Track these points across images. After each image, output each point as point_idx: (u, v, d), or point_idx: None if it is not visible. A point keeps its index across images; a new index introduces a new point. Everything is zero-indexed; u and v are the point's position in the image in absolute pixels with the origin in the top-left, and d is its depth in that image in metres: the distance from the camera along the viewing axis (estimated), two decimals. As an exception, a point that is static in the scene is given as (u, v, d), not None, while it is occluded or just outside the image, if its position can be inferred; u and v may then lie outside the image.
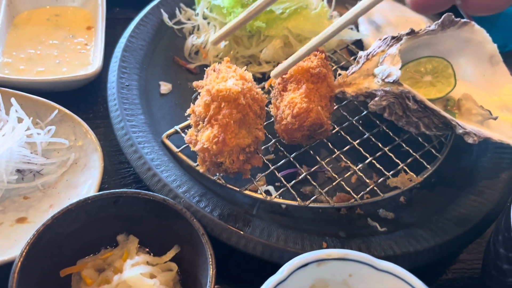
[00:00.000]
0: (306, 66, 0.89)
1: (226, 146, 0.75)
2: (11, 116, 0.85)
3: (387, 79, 0.90)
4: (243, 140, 0.78)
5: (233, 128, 0.76)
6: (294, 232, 0.82)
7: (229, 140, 0.75)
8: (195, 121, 0.81)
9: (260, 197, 0.85)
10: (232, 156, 0.77)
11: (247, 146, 0.78)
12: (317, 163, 0.92)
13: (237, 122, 0.77)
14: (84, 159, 0.89)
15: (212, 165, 0.78)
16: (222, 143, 0.74)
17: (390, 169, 0.91)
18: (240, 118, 0.78)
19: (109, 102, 0.95)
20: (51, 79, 0.97)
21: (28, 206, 0.85)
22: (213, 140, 0.74)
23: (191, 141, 0.80)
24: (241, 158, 0.78)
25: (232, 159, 0.77)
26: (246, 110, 0.79)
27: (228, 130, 0.75)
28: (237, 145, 0.77)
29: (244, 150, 0.78)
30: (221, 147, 0.74)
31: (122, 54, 1.02)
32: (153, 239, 0.80)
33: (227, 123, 0.75)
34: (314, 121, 0.83)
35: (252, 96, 0.82)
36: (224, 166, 0.78)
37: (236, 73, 0.84)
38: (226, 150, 0.75)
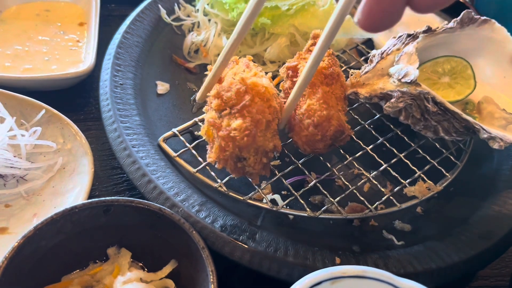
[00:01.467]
0: (318, 68, 0.81)
1: (254, 143, 0.67)
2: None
3: (404, 79, 0.82)
4: (268, 143, 0.70)
5: (263, 127, 0.68)
6: (304, 246, 0.74)
7: (258, 138, 0.67)
8: (218, 104, 0.71)
9: (265, 207, 0.78)
10: (257, 156, 0.69)
11: (270, 151, 0.71)
12: (327, 170, 0.84)
13: (267, 123, 0.70)
14: (72, 163, 0.81)
15: (232, 158, 0.69)
16: (253, 137, 0.67)
17: (406, 177, 0.84)
18: (269, 120, 0.70)
19: (101, 101, 0.87)
20: (39, 76, 0.90)
21: (9, 215, 0.77)
22: (244, 131, 0.66)
23: (215, 124, 0.70)
24: (264, 161, 0.71)
25: (256, 159, 0.69)
26: (275, 115, 0.72)
27: (259, 127, 0.68)
28: (262, 146, 0.69)
29: (267, 154, 0.71)
30: (251, 141, 0.67)
31: (116, 51, 0.94)
32: (147, 252, 0.72)
33: (260, 120, 0.67)
34: (337, 129, 0.76)
35: (280, 104, 0.75)
36: (245, 163, 0.70)
37: (265, 75, 0.77)
38: (253, 147, 0.68)
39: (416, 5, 0.46)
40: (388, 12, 0.46)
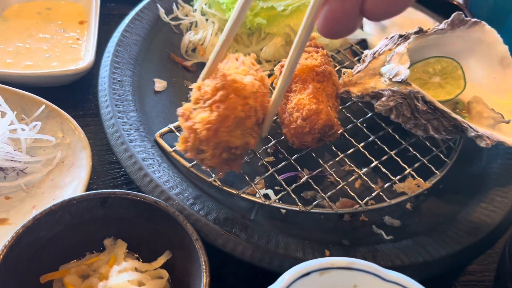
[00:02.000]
0: (310, 65, 0.84)
1: (215, 137, 0.68)
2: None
3: (395, 78, 0.85)
4: (234, 140, 0.71)
5: (230, 123, 0.69)
6: (295, 239, 0.76)
7: (221, 133, 0.68)
8: (196, 98, 0.72)
9: (258, 201, 0.80)
10: (216, 150, 0.70)
11: (235, 148, 0.72)
12: (319, 166, 0.86)
13: (236, 119, 0.71)
14: (71, 157, 0.83)
15: (192, 148, 0.71)
16: (214, 132, 0.68)
17: (396, 174, 0.86)
18: (241, 117, 0.71)
19: (99, 98, 0.89)
20: (40, 73, 0.92)
21: (9, 207, 0.79)
22: (206, 125, 0.67)
23: (184, 115, 0.72)
24: (224, 156, 0.71)
25: (215, 153, 0.70)
26: (251, 113, 0.72)
27: (225, 123, 0.69)
28: (226, 141, 0.70)
29: (230, 149, 0.72)
30: (210, 135, 0.68)
31: (115, 48, 0.96)
32: (142, 244, 0.74)
33: (227, 116, 0.68)
34: (325, 123, 0.78)
35: (262, 103, 0.75)
36: (203, 155, 0.71)
37: (257, 73, 0.77)
38: (213, 142, 0.69)
39: (369, 15, 0.48)
40: (343, 21, 0.48)
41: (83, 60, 1.00)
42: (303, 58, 0.87)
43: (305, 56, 0.88)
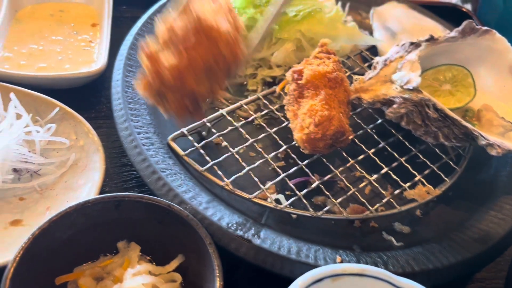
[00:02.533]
0: (322, 71, 0.84)
1: (182, 86, 0.66)
2: (9, 112, 0.81)
3: (406, 85, 0.86)
4: (201, 89, 0.69)
5: (199, 72, 0.67)
6: (306, 245, 0.77)
7: (189, 82, 0.66)
8: (165, 39, 0.69)
9: (270, 206, 0.80)
10: (180, 98, 0.68)
11: (200, 95, 0.70)
12: (329, 171, 0.87)
13: (207, 68, 0.69)
14: (84, 160, 0.84)
15: (155, 94, 0.69)
16: (179, 78, 0.66)
17: (406, 180, 0.87)
18: (212, 67, 0.69)
19: (113, 101, 0.90)
20: (53, 75, 0.93)
21: (23, 208, 0.80)
22: (172, 68, 0.65)
23: (150, 56, 0.68)
24: (187, 104, 0.69)
25: (178, 101, 0.69)
26: (222, 63, 0.69)
27: (195, 72, 0.66)
28: (192, 90, 0.68)
29: (195, 98, 0.69)
30: (178, 84, 0.66)
31: (128, 52, 0.97)
32: (155, 247, 0.75)
33: (198, 65, 0.66)
34: (337, 129, 0.79)
35: (235, 53, 0.71)
36: (165, 101, 0.69)
37: (234, 21, 0.73)
38: (180, 90, 0.67)
39: None
40: None
41: (95, 62, 1.01)
42: (315, 64, 0.88)
43: (317, 62, 0.88)
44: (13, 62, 0.97)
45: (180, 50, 0.67)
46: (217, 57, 0.69)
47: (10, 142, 0.77)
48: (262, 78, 1.07)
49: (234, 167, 0.86)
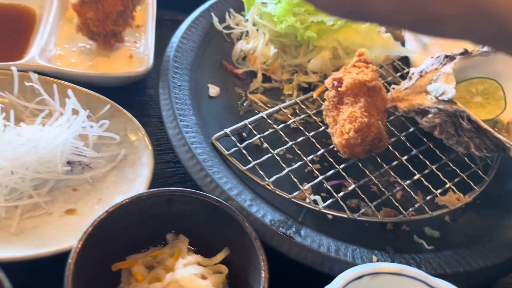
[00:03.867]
0: (362, 79, 0.88)
1: (103, 29, 1.01)
2: (68, 107, 0.85)
3: (441, 97, 0.89)
4: (118, 28, 1.03)
5: (114, 17, 1.01)
6: (344, 244, 0.81)
7: (108, 25, 1.01)
8: None
9: (308, 206, 0.85)
10: (106, 37, 1.04)
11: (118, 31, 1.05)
12: (363, 175, 0.91)
13: (118, 12, 1.01)
14: (133, 155, 0.89)
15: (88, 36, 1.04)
16: (102, 25, 1.00)
17: (437, 187, 0.91)
18: (122, 10, 1.00)
19: (161, 100, 0.95)
20: (104, 74, 0.98)
21: (77, 198, 0.84)
22: (96, 21, 0.99)
23: (77, 10, 0.99)
24: (112, 41, 1.06)
25: (105, 39, 1.04)
26: (128, 5, 1.02)
27: (111, 17, 1.00)
28: (112, 29, 1.03)
29: (115, 34, 1.05)
30: (100, 28, 1.00)
31: (174, 54, 1.02)
32: (201, 239, 0.79)
33: (111, 12, 0.99)
34: (376, 136, 0.83)
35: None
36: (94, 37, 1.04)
37: None
38: (103, 31, 1.02)
39: None
40: None
41: (141, 62, 1.06)
42: (355, 72, 0.92)
43: (356, 71, 0.92)
44: (64, 60, 1.02)
45: (97, 4, 0.97)
46: (124, 3, 1.00)
47: (69, 136, 0.82)
48: (298, 84, 1.11)
49: (273, 167, 0.90)
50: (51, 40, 1.04)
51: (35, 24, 1.09)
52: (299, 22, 1.07)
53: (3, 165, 0.77)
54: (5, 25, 1.09)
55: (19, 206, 0.79)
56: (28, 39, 1.05)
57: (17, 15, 1.11)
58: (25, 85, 0.90)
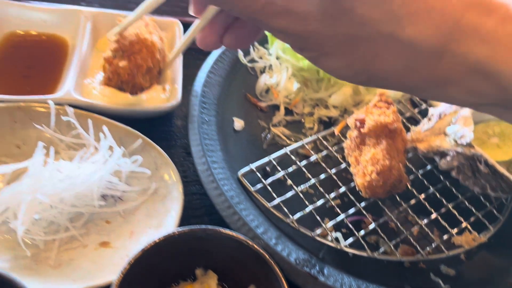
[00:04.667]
0: (384, 122, 0.92)
1: (132, 80, 1.02)
2: (103, 144, 0.89)
3: (460, 140, 0.93)
4: (144, 83, 1.04)
5: (143, 71, 1.02)
6: (364, 282, 0.84)
7: (137, 78, 1.02)
8: (115, 48, 1.00)
9: (330, 244, 0.89)
10: (134, 89, 1.04)
11: (145, 88, 1.05)
12: (381, 212, 0.95)
13: (147, 68, 1.02)
14: (164, 189, 0.92)
15: (116, 86, 1.04)
16: (132, 77, 1.01)
17: (453, 226, 0.95)
18: (150, 67, 1.03)
19: (190, 136, 0.98)
20: (135, 108, 1.01)
21: (109, 231, 0.88)
22: (127, 71, 1.00)
23: (108, 60, 1.02)
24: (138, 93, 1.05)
25: (131, 90, 1.04)
26: (156, 63, 1.04)
27: (140, 70, 1.02)
28: (140, 83, 1.03)
29: (142, 88, 1.05)
30: (130, 78, 1.01)
31: (202, 89, 1.06)
32: (228, 275, 0.83)
33: (141, 65, 1.01)
34: (397, 178, 0.87)
35: (163, 57, 1.06)
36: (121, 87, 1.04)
37: (160, 33, 1.08)
38: (132, 83, 1.03)
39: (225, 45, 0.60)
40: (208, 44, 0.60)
41: (168, 95, 1.08)
42: (376, 114, 0.95)
43: (378, 112, 0.96)
44: (95, 91, 1.05)
45: (129, 56, 1.00)
46: (153, 61, 1.02)
47: (104, 173, 0.86)
48: (318, 117, 1.15)
49: (296, 202, 0.94)
50: (83, 71, 1.08)
51: (68, 54, 1.13)
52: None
53: (44, 200, 0.81)
54: (39, 55, 1.13)
55: (57, 239, 0.84)
56: (61, 70, 1.09)
57: (51, 44, 1.15)
58: (60, 118, 0.94)
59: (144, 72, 1.03)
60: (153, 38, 1.02)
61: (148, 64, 1.02)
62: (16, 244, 0.82)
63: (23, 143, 0.95)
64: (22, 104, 0.95)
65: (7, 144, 0.94)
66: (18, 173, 0.87)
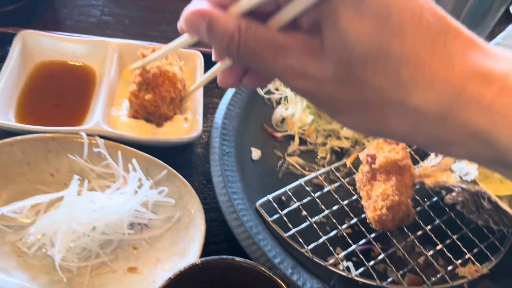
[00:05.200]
0: (394, 159, 0.98)
1: (158, 111, 1.11)
2: (133, 176, 0.96)
3: (465, 177, 0.99)
4: (168, 112, 1.12)
5: (167, 101, 1.11)
6: (373, 311, 0.91)
7: (161, 108, 1.10)
8: (140, 81, 1.08)
9: (342, 273, 0.95)
10: (160, 119, 1.12)
11: (169, 117, 1.14)
12: (390, 242, 1.01)
13: (170, 98, 1.11)
14: (187, 217, 0.98)
15: (143, 117, 1.13)
16: (158, 107, 1.10)
17: (456, 256, 1.01)
18: (173, 97, 1.11)
19: (212, 167, 1.04)
20: (160, 139, 1.08)
21: (137, 257, 0.94)
22: (153, 102, 1.09)
23: (134, 93, 1.10)
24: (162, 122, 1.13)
25: (158, 122, 1.12)
26: (178, 93, 1.12)
27: (165, 101, 1.10)
28: (165, 113, 1.12)
29: (166, 118, 1.13)
30: (156, 110, 1.10)
31: (222, 121, 1.12)
32: (249, 304, 0.89)
33: (165, 96, 1.09)
34: (405, 213, 0.93)
35: (184, 86, 1.15)
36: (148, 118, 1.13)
37: (180, 65, 1.17)
38: (158, 113, 1.11)
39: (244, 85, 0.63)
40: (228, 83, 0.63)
41: (188, 126, 1.14)
42: (387, 150, 1.02)
43: (388, 148, 1.03)
44: (121, 121, 1.12)
45: (154, 88, 1.08)
46: (176, 91, 1.10)
47: (134, 204, 0.93)
48: (331, 147, 1.21)
49: (309, 231, 1.00)
50: (110, 101, 1.15)
51: (96, 84, 1.19)
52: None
53: (79, 229, 0.88)
54: (68, 84, 1.19)
55: (89, 265, 0.90)
56: (90, 99, 1.15)
57: (79, 74, 1.22)
58: (91, 148, 1.01)
59: (168, 102, 1.11)
60: (174, 69, 1.10)
61: (171, 94, 1.10)
62: (51, 269, 0.89)
63: (56, 172, 1.02)
64: (55, 135, 1.01)
65: (42, 173, 1.01)
66: (54, 201, 0.94)
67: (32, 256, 0.90)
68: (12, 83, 1.13)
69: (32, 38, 1.21)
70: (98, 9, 1.49)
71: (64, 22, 1.43)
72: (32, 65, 1.20)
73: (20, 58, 1.17)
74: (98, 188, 1.00)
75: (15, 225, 0.93)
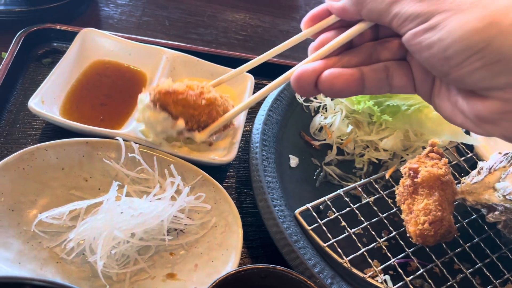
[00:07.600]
0: (437, 174, 0.97)
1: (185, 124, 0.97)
2: (169, 182, 0.96)
3: (509, 196, 0.98)
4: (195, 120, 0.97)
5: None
6: (412, 326, 0.90)
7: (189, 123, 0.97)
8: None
9: (380, 286, 0.94)
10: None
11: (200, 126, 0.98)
12: (428, 257, 1.00)
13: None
14: (223, 222, 0.98)
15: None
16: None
17: (495, 276, 0.99)
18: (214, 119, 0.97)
19: (252, 172, 1.04)
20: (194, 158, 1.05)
21: (174, 263, 0.93)
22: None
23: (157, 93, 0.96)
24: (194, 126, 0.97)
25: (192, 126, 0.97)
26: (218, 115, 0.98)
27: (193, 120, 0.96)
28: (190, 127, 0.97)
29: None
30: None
31: (262, 127, 1.12)
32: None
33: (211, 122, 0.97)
34: (447, 229, 0.92)
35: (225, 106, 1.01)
36: None
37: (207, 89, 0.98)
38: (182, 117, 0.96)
39: None
40: None
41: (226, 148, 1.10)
42: (429, 164, 1.01)
43: (430, 163, 1.01)
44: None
45: (170, 104, 0.96)
46: (217, 114, 0.97)
47: (173, 210, 0.92)
48: (368, 158, 1.20)
49: (348, 242, 0.99)
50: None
51: (145, 89, 1.17)
52: (376, 105, 1.16)
53: (119, 236, 0.88)
54: (118, 85, 1.20)
55: (128, 271, 0.90)
56: (136, 103, 1.14)
57: (131, 76, 1.22)
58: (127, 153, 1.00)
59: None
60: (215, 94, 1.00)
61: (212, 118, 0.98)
62: (90, 275, 0.89)
63: (90, 177, 1.00)
64: (89, 139, 1.00)
65: (76, 178, 1.00)
66: (90, 207, 0.93)
67: (70, 262, 0.90)
68: (65, 77, 1.13)
69: (92, 36, 1.22)
70: (139, 9, 1.50)
71: (105, 20, 1.44)
72: (88, 62, 1.21)
73: (77, 54, 1.17)
74: (134, 194, 1.00)
75: (51, 230, 0.92)
